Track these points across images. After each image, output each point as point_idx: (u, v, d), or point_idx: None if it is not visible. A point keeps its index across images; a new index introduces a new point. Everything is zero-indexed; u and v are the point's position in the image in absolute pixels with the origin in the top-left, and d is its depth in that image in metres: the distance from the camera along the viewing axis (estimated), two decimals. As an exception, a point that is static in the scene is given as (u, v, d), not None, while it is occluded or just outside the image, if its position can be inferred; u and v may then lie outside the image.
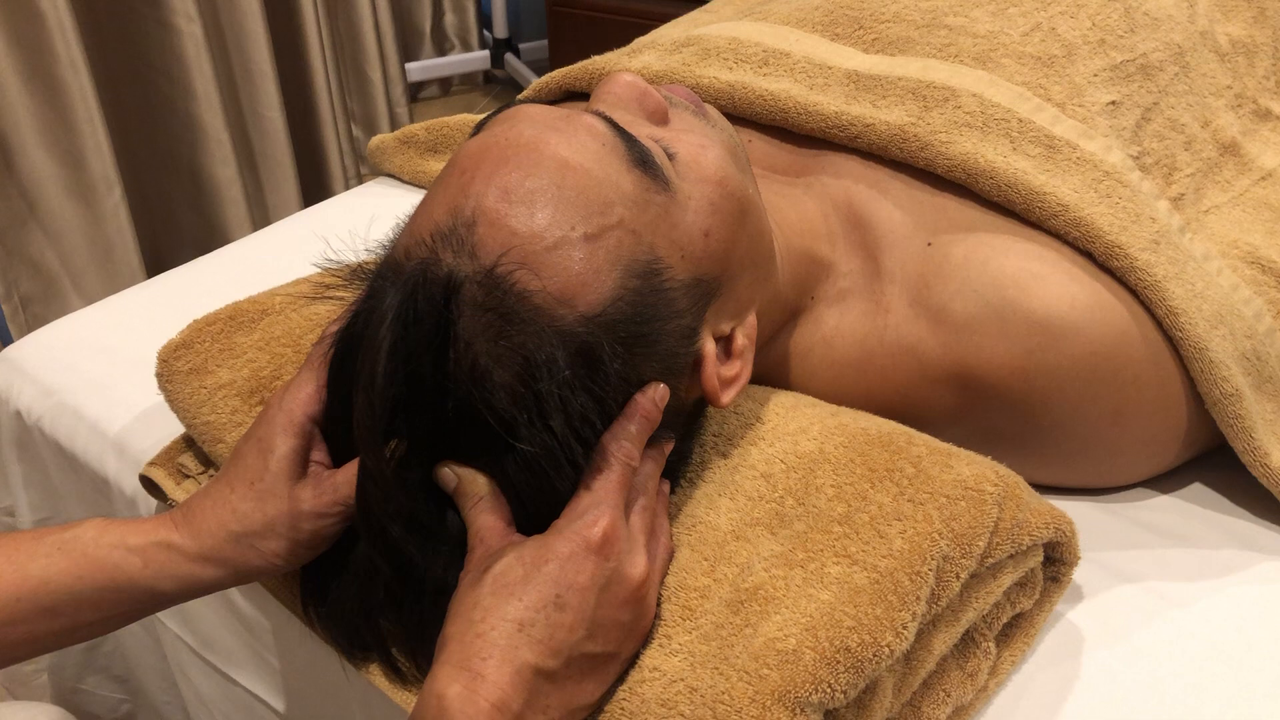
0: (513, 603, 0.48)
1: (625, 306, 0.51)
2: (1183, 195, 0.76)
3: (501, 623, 0.48)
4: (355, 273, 0.56)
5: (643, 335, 0.52)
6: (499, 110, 0.58)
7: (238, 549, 0.56)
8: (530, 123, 0.54)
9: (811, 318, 0.70)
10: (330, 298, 0.56)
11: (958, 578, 0.54)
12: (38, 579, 0.54)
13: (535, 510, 0.52)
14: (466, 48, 2.66)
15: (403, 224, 0.56)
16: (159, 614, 0.84)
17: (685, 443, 0.61)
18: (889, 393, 0.69)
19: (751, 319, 0.60)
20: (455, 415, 0.50)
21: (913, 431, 0.61)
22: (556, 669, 0.48)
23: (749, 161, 0.63)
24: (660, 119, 0.59)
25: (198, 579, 0.57)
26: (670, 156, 0.56)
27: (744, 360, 0.58)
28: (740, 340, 0.58)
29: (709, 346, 0.56)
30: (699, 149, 0.57)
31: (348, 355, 0.53)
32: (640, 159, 0.54)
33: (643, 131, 0.57)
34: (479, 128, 0.57)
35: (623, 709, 0.51)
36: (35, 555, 0.55)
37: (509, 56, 2.57)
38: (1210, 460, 0.74)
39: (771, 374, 0.70)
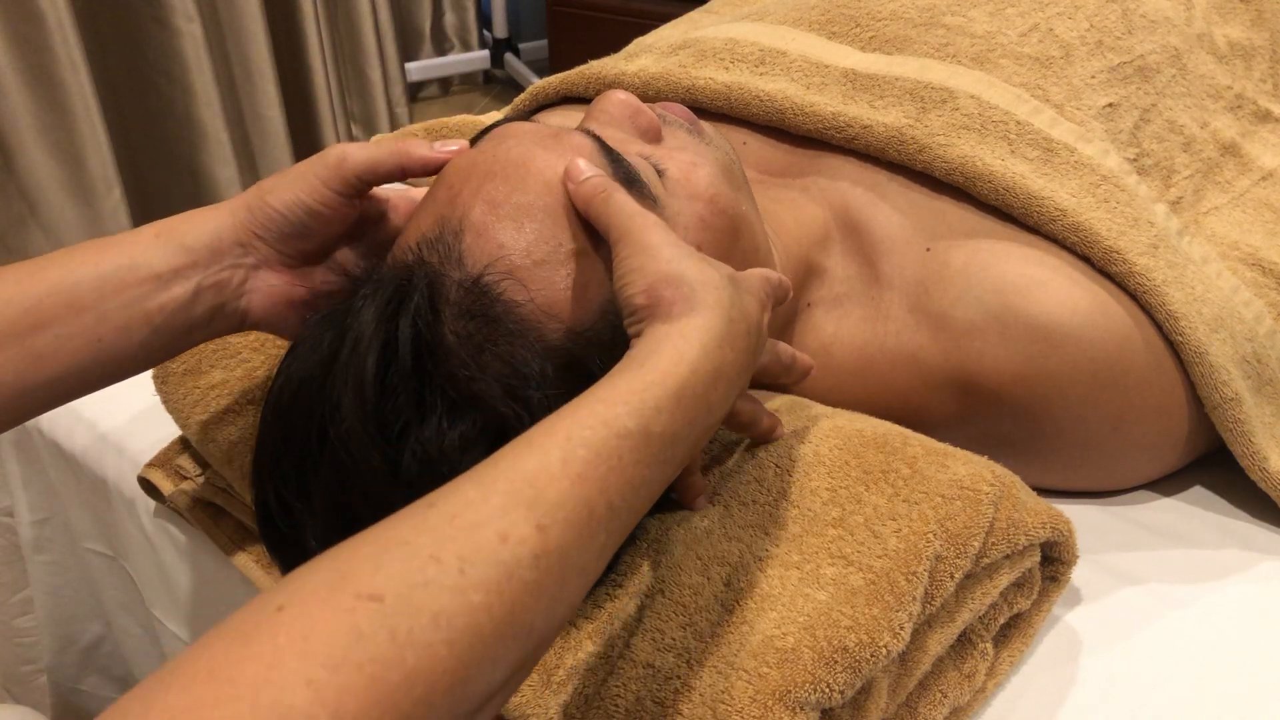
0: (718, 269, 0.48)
1: (615, 319, 0.51)
2: (1181, 198, 0.76)
3: (714, 273, 0.47)
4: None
5: None
6: (487, 130, 0.58)
7: (253, 197, 0.55)
8: (518, 140, 0.54)
9: (808, 324, 0.70)
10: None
11: (952, 577, 0.53)
12: (56, 277, 0.52)
13: None
14: (466, 48, 2.66)
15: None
16: (159, 613, 0.84)
17: None
18: (890, 399, 0.68)
19: None
20: (437, 423, 0.49)
21: (909, 432, 0.61)
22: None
23: (745, 180, 0.63)
24: (653, 137, 0.59)
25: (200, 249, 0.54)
26: (660, 173, 0.56)
27: None
28: None
29: None
30: (690, 166, 0.58)
31: (329, 352, 0.51)
32: (626, 177, 0.54)
33: (633, 149, 0.57)
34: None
35: (616, 705, 0.50)
36: (43, 266, 0.52)
37: (509, 56, 2.57)
38: (1210, 462, 0.73)
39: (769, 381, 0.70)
